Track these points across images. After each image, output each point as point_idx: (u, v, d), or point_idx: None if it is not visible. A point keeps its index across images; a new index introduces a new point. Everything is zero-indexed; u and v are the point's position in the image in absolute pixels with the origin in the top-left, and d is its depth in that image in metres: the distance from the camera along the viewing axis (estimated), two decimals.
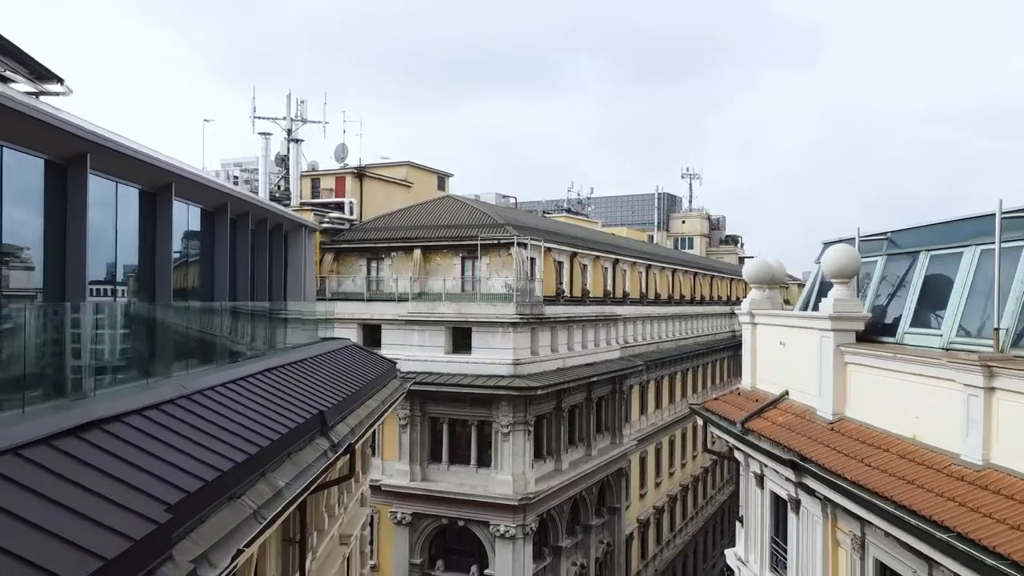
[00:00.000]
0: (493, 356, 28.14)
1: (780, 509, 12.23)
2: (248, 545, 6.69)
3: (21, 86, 8.46)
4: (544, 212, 78.74)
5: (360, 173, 38.23)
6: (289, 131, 38.18)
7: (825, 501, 10.11)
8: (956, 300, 9.34)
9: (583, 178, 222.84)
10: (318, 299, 25.13)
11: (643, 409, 42.47)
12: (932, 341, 9.53)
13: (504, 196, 72.42)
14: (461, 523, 28.91)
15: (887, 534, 8.35)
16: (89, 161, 8.30)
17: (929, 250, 10.32)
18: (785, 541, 12.01)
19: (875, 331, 10.77)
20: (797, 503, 11.30)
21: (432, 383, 28.02)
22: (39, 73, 8.58)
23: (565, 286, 34.57)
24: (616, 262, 40.74)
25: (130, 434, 6.41)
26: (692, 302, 53.93)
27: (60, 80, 8.68)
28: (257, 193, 33.71)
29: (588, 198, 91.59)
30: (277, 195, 37.49)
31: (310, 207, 34.80)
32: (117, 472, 5.68)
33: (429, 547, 29.77)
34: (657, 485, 44.39)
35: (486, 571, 28.54)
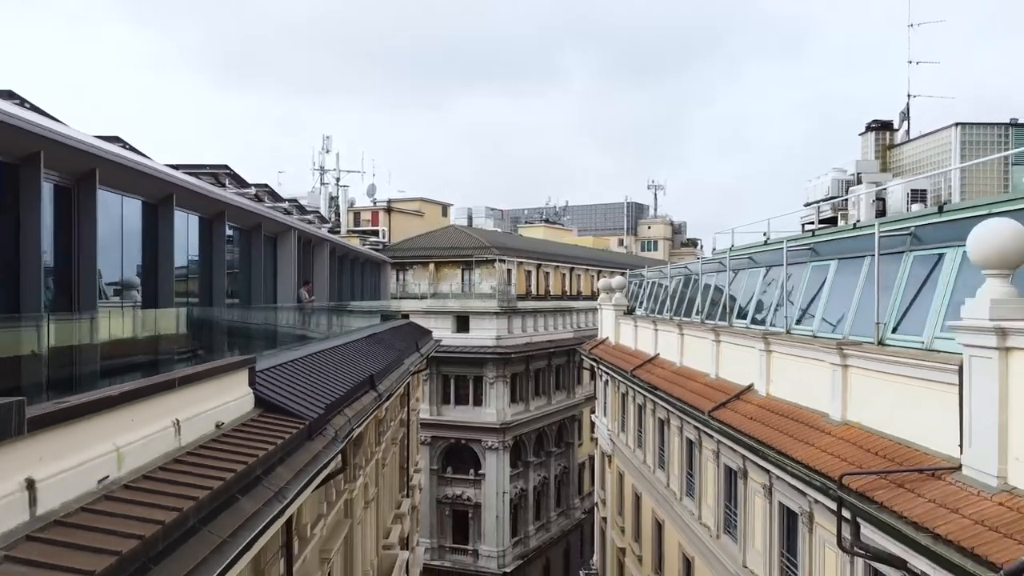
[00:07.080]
0: (483, 334, 44.01)
1: (607, 387, 28.20)
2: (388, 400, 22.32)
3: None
4: (526, 221, 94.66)
5: (389, 208, 54.05)
6: (338, 179, 54.08)
7: (612, 379, 26.05)
8: (661, 299, 25.27)
9: (568, 175, 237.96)
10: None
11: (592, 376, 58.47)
12: (647, 313, 25.43)
13: (493, 208, 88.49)
14: (463, 442, 44.80)
15: (629, 387, 24.27)
16: (293, 235, 23.90)
17: (647, 279, 26.27)
18: (607, 402, 27.98)
19: (632, 311, 26.73)
20: (609, 382, 27.24)
21: (444, 351, 43.54)
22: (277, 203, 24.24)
23: (533, 287, 50.50)
24: (572, 269, 56.73)
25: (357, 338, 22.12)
26: None
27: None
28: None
29: (564, 208, 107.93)
30: (329, 225, 53.13)
31: (356, 234, 50.49)
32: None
33: (443, 458, 45.68)
34: None
35: (479, 471, 44.51)
